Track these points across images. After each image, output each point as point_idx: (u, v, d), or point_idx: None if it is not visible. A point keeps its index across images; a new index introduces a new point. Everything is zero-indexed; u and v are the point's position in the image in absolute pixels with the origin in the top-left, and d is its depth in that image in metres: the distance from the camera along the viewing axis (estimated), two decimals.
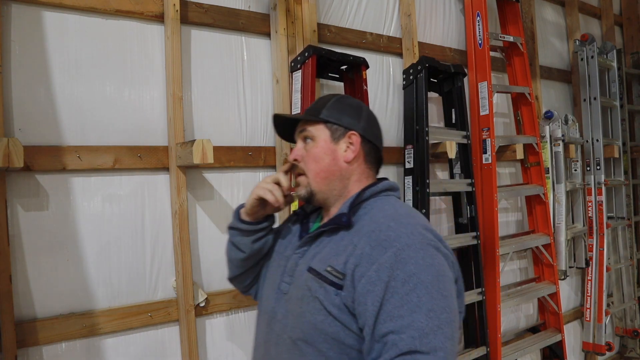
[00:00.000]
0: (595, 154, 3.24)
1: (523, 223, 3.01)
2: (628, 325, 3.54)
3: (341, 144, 1.14)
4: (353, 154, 1.13)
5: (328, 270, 1.01)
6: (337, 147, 1.14)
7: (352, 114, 1.15)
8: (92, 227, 1.60)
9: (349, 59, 2.07)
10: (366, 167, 1.16)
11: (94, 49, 1.63)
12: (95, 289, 1.60)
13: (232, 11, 1.91)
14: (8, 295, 1.41)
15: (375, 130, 1.19)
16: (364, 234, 1.01)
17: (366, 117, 1.17)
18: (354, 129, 1.14)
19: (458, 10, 2.75)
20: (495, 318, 2.44)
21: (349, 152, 1.13)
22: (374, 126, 1.19)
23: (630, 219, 3.53)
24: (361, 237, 1.01)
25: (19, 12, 1.50)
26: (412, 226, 1.01)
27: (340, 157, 1.13)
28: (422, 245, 0.97)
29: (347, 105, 1.18)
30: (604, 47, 3.44)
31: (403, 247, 0.95)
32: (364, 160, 1.15)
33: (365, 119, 1.17)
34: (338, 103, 1.17)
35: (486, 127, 2.54)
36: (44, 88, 1.54)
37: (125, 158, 1.64)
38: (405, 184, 2.32)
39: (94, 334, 1.57)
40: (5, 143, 1.30)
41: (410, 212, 1.11)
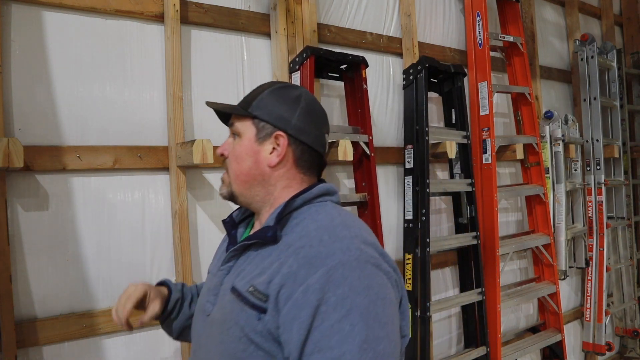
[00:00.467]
0: (595, 154, 3.24)
1: (523, 223, 3.01)
2: (628, 325, 3.54)
3: (266, 145, 0.98)
4: (278, 158, 0.97)
5: (250, 291, 0.87)
6: (261, 149, 0.98)
7: (285, 109, 0.98)
8: (92, 227, 1.60)
9: (348, 59, 2.07)
10: (297, 172, 0.99)
11: (94, 49, 1.63)
12: (95, 289, 1.60)
13: (232, 11, 1.91)
14: (8, 295, 1.41)
15: (314, 129, 1.00)
16: (292, 250, 0.87)
17: (303, 114, 0.98)
18: (283, 128, 0.97)
19: (458, 10, 2.75)
20: (495, 318, 2.44)
21: (274, 156, 0.97)
22: (312, 124, 1.00)
23: (630, 219, 3.53)
24: (290, 253, 0.87)
25: (19, 12, 1.50)
26: (349, 240, 0.87)
27: (264, 160, 0.97)
28: (359, 263, 0.83)
29: (283, 98, 0.99)
30: (604, 47, 3.44)
31: (336, 265, 0.82)
32: (295, 164, 0.99)
33: (302, 116, 0.98)
34: (273, 94, 1.00)
35: (486, 127, 2.54)
36: (44, 88, 1.54)
37: (125, 158, 1.64)
38: (405, 184, 2.32)
39: (94, 334, 1.57)
40: (5, 143, 1.30)
41: (348, 221, 0.93)
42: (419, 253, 2.21)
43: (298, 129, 0.98)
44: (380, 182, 2.27)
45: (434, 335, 2.44)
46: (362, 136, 2.09)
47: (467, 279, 2.53)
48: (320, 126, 1.02)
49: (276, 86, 1.02)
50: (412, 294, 2.21)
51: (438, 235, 2.52)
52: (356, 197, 2.13)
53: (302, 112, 0.99)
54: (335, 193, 1.02)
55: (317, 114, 1.02)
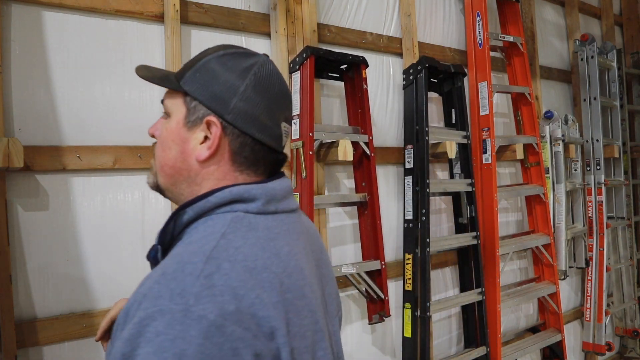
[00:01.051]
0: (595, 154, 3.24)
1: (523, 223, 3.01)
2: (628, 325, 3.54)
3: (197, 132, 0.75)
4: (209, 150, 0.74)
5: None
6: (190, 137, 0.75)
7: (226, 87, 0.73)
8: (92, 227, 1.60)
9: (348, 59, 2.07)
10: (233, 170, 0.75)
11: (94, 49, 1.63)
12: (95, 289, 1.60)
13: (232, 11, 1.91)
14: (8, 295, 1.41)
15: (264, 114, 0.75)
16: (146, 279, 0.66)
17: (250, 93, 0.74)
18: (219, 111, 0.73)
19: (458, 10, 2.75)
20: (495, 318, 2.44)
21: (204, 147, 0.74)
22: (262, 107, 0.75)
23: (630, 219, 3.54)
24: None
25: (19, 12, 1.50)
26: (194, 279, 0.61)
27: (191, 151, 0.75)
28: (186, 318, 0.58)
29: (228, 70, 0.74)
30: (604, 47, 3.44)
31: (154, 313, 0.59)
32: (230, 160, 0.75)
33: (247, 94, 0.74)
34: (217, 63, 0.75)
35: (486, 127, 2.54)
36: (44, 88, 1.54)
37: (125, 158, 1.64)
38: (405, 184, 2.32)
39: (94, 334, 1.56)
40: (5, 143, 1.30)
41: (228, 249, 0.66)
42: (419, 253, 2.22)
43: (238, 114, 0.73)
44: (380, 182, 2.27)
45: (434, 335, 2.44)
46: (362, 136, 2.09)
47: (467, 279, 2.53)
48: (273, 110, 0.76)
49: (224, 52, 0.77)
50: (412, 294, 2.21)
51: (438, 235, 2.52)
52: (356, 197, 2.13)
53: (249, 90, 0.74)
54: (253, 200, 0.72)
55: (271, 93, 0.76)
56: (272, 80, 0.76)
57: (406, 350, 2.23)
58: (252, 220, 0.71)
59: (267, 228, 0.72)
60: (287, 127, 0.80)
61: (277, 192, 0.76)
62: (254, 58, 0.77)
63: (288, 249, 0.73)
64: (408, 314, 2.22)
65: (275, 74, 0.78)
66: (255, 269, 0.66)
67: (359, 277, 2.06)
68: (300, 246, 0.77)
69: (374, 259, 2.10)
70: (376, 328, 2.27)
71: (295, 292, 0.69)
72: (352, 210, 2.21)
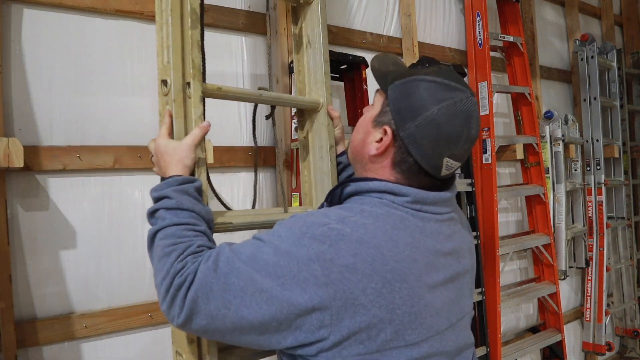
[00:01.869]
0: (595, 154, 3.24)
1: (523, 223, 3.01)
2: (628, 325, 3.54)
3: (377, 132, 0.93)
4: (377, 151, 0.92)
5: None
6: (373, 132, 0.94)
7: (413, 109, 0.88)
8: (92, 227, 1.60)
9: (348, 59, 2.07)
10: (393, 174, 0.93)
11: (94, 49, 1.63)
12: (95, 289, 1.60)
13: (232, 11, 1.91)
14: (8, 295, 1.41)
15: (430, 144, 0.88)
16: None
17: (424, 123, 0.87)
18: (397, 126, 0.90)
19: (458, 10, 2.75)
20: (495, 318, 2.44)
21: (375, 146, 0.93)
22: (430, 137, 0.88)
23: (630, 219, 3.53)
24: None
25: (19, 12, 1.50)
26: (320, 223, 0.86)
27: (368, 143, 0.94)
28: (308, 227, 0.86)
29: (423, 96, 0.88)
30: (604, 47, 3.44)
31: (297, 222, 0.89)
32: (390, 166, 0.92)
33: (422, 124, 0.87)
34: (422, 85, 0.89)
35: (486, 127, 2.54)
36: (43, 88, 1.54)
37: (125, 158, 1.64)
38: None
39: (94, 334, 1.57)
40: (5, 143, 1.30)
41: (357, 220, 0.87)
42: None
43: (408, 136, 0.88)
44: None
45: None
46: None
47: None
48: (440, 145, 0.88)
49: (433, 79, 0.89)
50: None
51: None
52: None
53: (425, 121, 0.87)
54: (405, 195, 0.89)
55: (444, 131, 0.87)
56: (452, 120, 0.87)
57: None
58: (392, 210, 0.87)
59: (402, 219, 0.87)
60: (451, 162, 0.90)
61: (427, 197, 0.90)
62: (454, 93, 0.88)
63: (410, 241, 0.86)
64: None
65: (460, 115, 0.88)
66: (366, 243, 0.82)
67: None
68: (428, 244, 0.88)
69: None
70: None
71: (396, 275, 0.82)
72: None
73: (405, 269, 0.83)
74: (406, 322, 0.82)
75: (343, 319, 0.79)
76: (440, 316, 0.88)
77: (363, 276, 0.80)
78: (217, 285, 0.82)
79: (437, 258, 0.89)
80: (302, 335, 0.81)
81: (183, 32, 1.08)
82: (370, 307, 0.79)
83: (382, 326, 0.80)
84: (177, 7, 1.07)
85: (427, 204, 0.90)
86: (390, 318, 0.81)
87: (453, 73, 0.92)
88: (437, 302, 0.87)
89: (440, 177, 0.92)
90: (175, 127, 1.08)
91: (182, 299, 0.83)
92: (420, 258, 0.86)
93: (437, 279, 0.88)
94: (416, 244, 0.86)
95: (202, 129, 1.08)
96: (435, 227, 0.90)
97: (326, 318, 0.79)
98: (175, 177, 1.01)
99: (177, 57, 1.07)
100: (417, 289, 0.84)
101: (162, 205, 0.97)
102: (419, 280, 0.84)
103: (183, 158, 1.03)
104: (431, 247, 0.88)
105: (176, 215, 0.95)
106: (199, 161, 1.09)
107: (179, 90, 1.08)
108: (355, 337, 0.80)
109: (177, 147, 1.04)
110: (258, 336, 0.82)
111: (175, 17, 1.07)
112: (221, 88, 1.20)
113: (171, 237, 0.92)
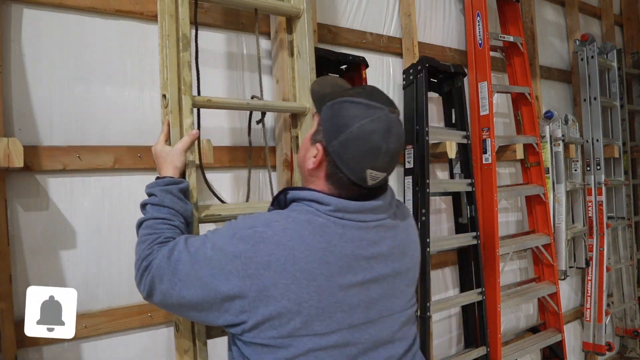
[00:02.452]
0: (595, 154, 3.24)
1: (523, 223, 3.01)
2: (628, 325, 3.54)
3: (313, 149, 1.05)
4: (313, 165, 1.04)
5: None
6: (310, 148, 1.06)
7: (337, 127, 1.01)
8: (92, 227, 1.60)
9: (348, 59, 2.07)
10: (326, 185, 1.05)
11: (94, 49, 1.63)
12: (95, 289, 1.61)
13: (232, 11, 1.91)
14: (8, 295, 1.41)
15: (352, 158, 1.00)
16: None
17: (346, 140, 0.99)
18: (326, 143, 1.02)
19: (458, 10, 2.75)
20: (495, 318, 2.44)
21: (311, 161, 1.05)
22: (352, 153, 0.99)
23: (630, 219, 3.53)
24: None
25: (19, 12, 1.50)
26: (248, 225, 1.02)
27: (307, 159, 1.07)
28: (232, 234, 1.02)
29: (346, 115, 1.01)
30: (604, 47, 3.44)
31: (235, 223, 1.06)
32: (324, 178, 1.04)
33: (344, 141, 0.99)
34: (346, 105, 1.02)
35: (486, 127, 2.54)
36: (43, 88, 1.54)
37: (125, 158, 1.64)
38: (405, 184, 2.32)
39: (94, 334, 1.57)
40: (5, 143, 1.30)
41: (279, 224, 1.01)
42: None
43: (335, 152, 1.00)
44: None
45: (434, 335, 2.44)
46: None
47: (467, 279, 2.53)
48: (362, 159, 0.99)
49: (353, 100, 1.01)
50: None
51: (438, 235, 2.52)
52: None
53: (347, 138, 0.99)
54: (328, 204, 1.00)
55: (364, 146, 0.98)
56: (370, 136, 0.98)
57: None
58: (316, 218, 0.99)
59: (322, 226, 0.99)
60: (375, 173, 1.00)
61: (349, 206, 1.01)
62: (373, 111, 1.00)
63: (324, 246, 0.97)
64: None
65: (378, 131, 0.98)
66: (283, 245, 0.96)
67: None
68: (345, 249, 0.99)
69: None
70: None
71: (305, 274, 0.95)
72: None
73: (315, 269, 0.95)
74: (314, 314, 0.95)
75: (258, 307, 0.95)
76: (355, 312, 0.99)
77: (275, 273, 0.94)
78: (168, 270, 1.01)
79: (356, 261, 0.99)
80: (229, 317, 0.97)
81: (178, 53, 1.26)
82: (280, 299, 0.94)
83: (291, 316, 0.94)
84: (174, 32, 1.26)
85: (350, 212, 1.00)
86: (298, 310, 0.94)
87: (375, 93, 1.05)
88: (352, 299, 0.99)
89: (368, 187, 1.01)
90: (172, 135, 1.26)
91: (144, 279, 1.05)
92: (333, 261, 0.97)
93: (353, 280, 0.99)
94: (331, 248, 0.97)
95: (191, 136, 1.26)
96: (357, 233, 1.00)
97: (245, 305, 0.95)
98: (164, 178, 1.20)
99: (173, 75, 1.25)
100: (327, 287, 0.96)
101: (149, 201, 1.17)
102: (330, 280, 0.96)
103: (174, 161, 1.22)
104: (349, 252, 0.99)
105: (157, 211, 1.14)
106: (189, 163, 1.26)
107: (175, 103, 1.26)
108: (269, 322, 0.95)
109: (170, 151, 1.23)
110: (198, 313, 1.01)
111: (172, 41, 1.25)
112: (211, 100, 1.36)
113: (149, 228, 1.12)
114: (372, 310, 1.01)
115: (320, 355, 0.95)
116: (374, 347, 1.02)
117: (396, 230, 1.08)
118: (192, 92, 1.29)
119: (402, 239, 1.09)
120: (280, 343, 0.95)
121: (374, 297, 1.02)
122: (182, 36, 1.27)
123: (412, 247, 1.13)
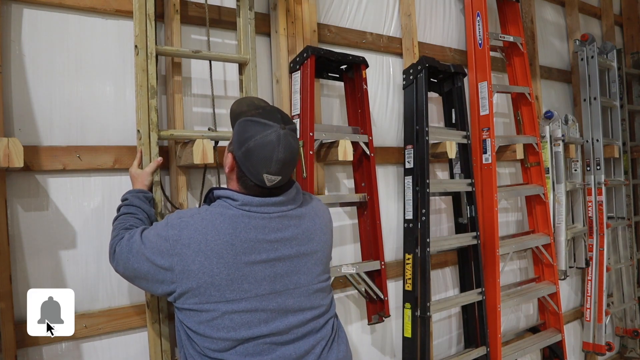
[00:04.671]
0: (595, 154, 3.24)
1: (523, 223, 3.01)
2: (628, 325, 3.54)
3: (229, 156, 1.33)
4: (228, 169, 1.34)
5: None
6: (228, 155, 1.34)
7: (240, 140, 1.29)
8: (92, 227, 1.61)
9: (348, 59, 2.07)
10: (239, 185, 1.33)
11: (94, 49, 1.63)
12: (95, 288, 1.61)
13: (232, 11, 1.91)
14: (8, 295, 1.41)
15: (251, 165, 1.27)
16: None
17: (245, 151, 1.27)
18: (234, 152, 1.30)
19: (458, 10, 2.75)
20: (495, 318, 2.44)
21: (227, 166, 1.34)
22: (251, 161, 1.27)
23: (630, 219, 3.53)
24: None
25: (19, 12, 1.50)
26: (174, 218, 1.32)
27: (226, 164, 1.35)
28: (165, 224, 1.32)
29: (245, 130, 1.28)
30: (604, 47, 3.44)
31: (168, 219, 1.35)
32: (236, 180, 1.33)
33: (244, 152, 1.27)
34: (245, 122, 1.30)
35: (486, 127, 2.54)
36: (43, 88, 1.54)
37: (125, 158, 1.64)
38: (405, 184, 2.32)
39: (94, 334, 1.57)
40: (5, 143, 1.30)
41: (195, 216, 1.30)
42: (419, 253, 2.21)
43: (239, 160, 1.29)
44: (380, 182, 2.27)
45: (434, 335, 2.44)
46: (362, 136, 2.09)
47: (467, 279, 2.53)
48: (258, 166, 1.26)
49: (250, 119, 1.29)
50: (412, 294, 2.21)
51: (438, 235, 2.52)
52: (356, 198, 2.13)
53: (246, 149, 1.26)
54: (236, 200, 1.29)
55: (259, 156, 1.26)
56: (264, 148, 1.26)
57: (406, 351, 2.23)
58: (227, 210, 1.28)
59: (232, 216, 1.27)
60: (271, 177, 1.28)
61: (253, 201, 1.29)
62: (265, 128, 1.27)
63: (231, 231, 1.25)
64: (408, 314, 2.22)
65: (269, 144, 1.25)
66: (199, 231, 1.25)
67: (359, 277, 2.06)
68: (250, 234, 1.26)
69: (374, 259, 2.10)
70: (376, 328, 2.27)
71: (215, 253, 1.23)
72: (352, 210, 2.21)
73: (222, 250, 1.23)
74: (224, 285, 1.23)
75: (182, 279, 1.23)
76: (261, 284, 1.26)
77: (193, 252, 1.23)
78: (127, 249, 1.32)
79: (259, 244, 1.27)
80: (165, 287, 1.27)
81: (148, 100, 1.58)
82: (197, 272, 1.23)
83: (206, 286, 1.22)
84: (145, 83, 1.57)
85: (254, 206, 1.29)
86: (212, 282, 1.22)
87: (272, 113, 1.31)
88: (258, 274, 1.26)
89: (268, 187, 1.29)
90: (143, 160, 1.58)
91: (112, 255, 1.38)
92: (238, 243, 1.24)
93: (257, 258, 1.26)
94: (237, 233, 1.25)
95: (156, 163, 1.57)
96: (261, 222, 1.28)
97: (174, 277, 1.24)
98: (135, 189, 1.54)
99: (144, 116, 1.57)
100: (233, 263, 1.23)
101: (122, 203, 1.51)
102: (236, 258, 1.24)
103: (144, 180, 1.55)
104: (253, 236, 1.26)
105: (127, 208, 1.47)
106: (154, 182, 1.59)
107: (146, 137, 1.58)
108: (191, 292, 1.23)
109: (141, 173, 1.55)
110: (147, 283, 1.31)
111: (143, 91, 1.57)
112: (173, 134, 1.65)
113: (120, 220, 1.45)
114: (277, 283, 1.28)
115: (234, 318, 1.23)
116: (284, 313, 1.28)
117: (301, 219, 1.36)
118: (158, 129, 1.60)
119: (307, 227, 1.36)
120: (201, 307, 1.23)
121: (280, 272, 1.29)
122: (150, 87, 1.58)
123: (318, 234, 1.38)
